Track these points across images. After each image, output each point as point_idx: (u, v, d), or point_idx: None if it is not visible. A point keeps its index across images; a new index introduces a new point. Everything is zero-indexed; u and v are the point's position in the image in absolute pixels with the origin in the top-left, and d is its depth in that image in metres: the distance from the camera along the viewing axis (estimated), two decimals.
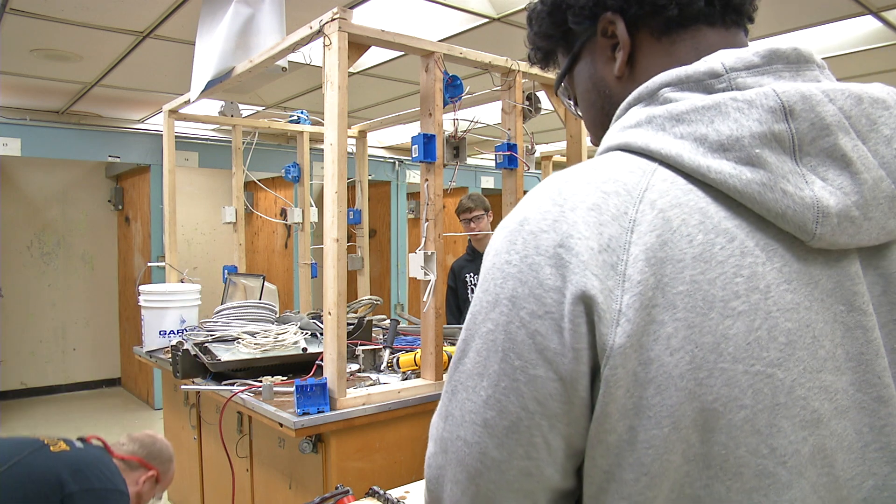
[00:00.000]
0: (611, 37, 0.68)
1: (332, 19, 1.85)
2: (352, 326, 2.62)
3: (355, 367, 2.37)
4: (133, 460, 1.86)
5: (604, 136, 0.67)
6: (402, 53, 2.79)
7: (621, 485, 0.54)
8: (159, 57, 3.84)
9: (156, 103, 5.02)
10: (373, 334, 2.84)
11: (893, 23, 3.36)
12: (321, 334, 2.48)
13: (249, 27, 2.55)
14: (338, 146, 1.85)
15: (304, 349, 2.36)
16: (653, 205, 0.54)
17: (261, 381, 2.12)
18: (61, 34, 3.43)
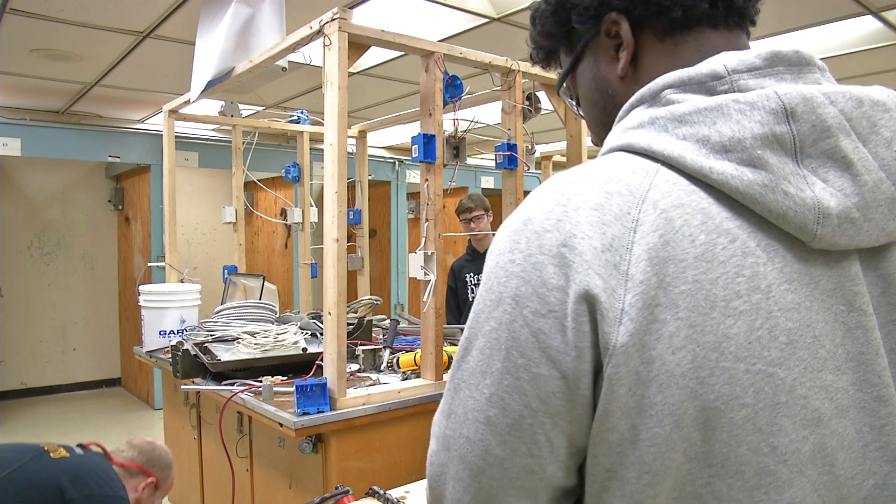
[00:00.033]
0: (614, 37, 0.69)
1: (332, 19, 1.85)
2: (352, 326, 2.62)
3: (355, 367, 2.37)
4: (132, 467, 1.87)
5: (605, 135, 0.67)
6: (402, 53, 2.79)
7: (623, 483, 0.55)
8: (159, 57, 3.84)
9: (156, 103, 5.02)
10: (373, 334, 2.84)
11: (893, 23, 3.36)
12: (321, 334, 2.48)
13: (249, 27, 2.55)
14: (338, 146, 1.85)
15: (304, 349, 2.36)
16: (655, 205, 0.55)
17: (261, 381, 2.12)
18: (61, 34, 3.43)
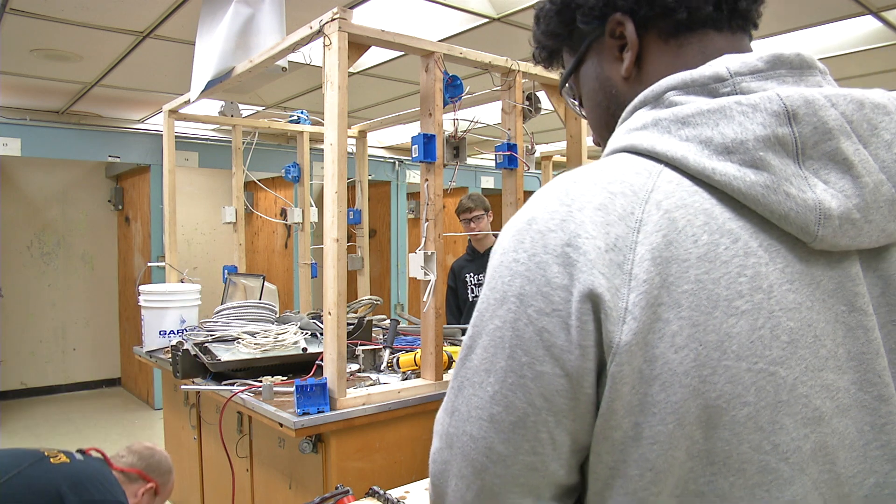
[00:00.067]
0: (619, 37, 0.69)
1: (332, 19, 1.85)
2: (352, 326, 2.62)
3: (355, 367, 2.37)
4: (132, 472, 1.88)
5: (608, 135, 0.68)
6: (402, 53, 2.79)
7: (626, 480, 0.55)
8: (159, 57, 3.84)
9: (156, 103, 5.02)
10: (373, 334, 2.84)
11: (893, 23, 3.36)
12: (321, 334, 2.48)
13: (249, 27, 2.55)
14: (338, 146, 1.85)
15: (304, 349, 2.36)
16: (659, 205, 0.55)
17: (261, 381, 2.12)
18: (61, 34, 3.43)
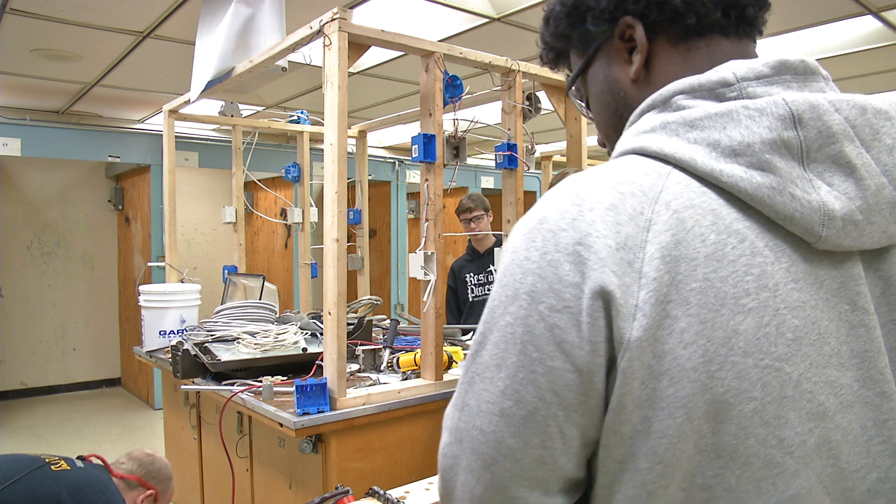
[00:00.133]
0: (628, 40, 0.70)
1: (332, 19, 1.85)
2: (352, 326, 2.62)
3: (355, 367, 2.37)
4: (132, 479, 1.89)
5: (615, 137, 0.70)
6: (402, 53, 2.79)
7: (635, 473, 0.56)
8: (159, 57, 3.84)
9: (156, 103, 5.02)
10: (373, 334, 2.84)
11: (893, 23, 3.36)
12: (321, 334, 2.47)
13: (249, 27, 2.55)
14: (338, 146, 1.85)
15: (304, 349, 2.36)
16: (668, 206, 0.57)
17: (261, 381, 2.12)
18: (61, 34, 3.43)
